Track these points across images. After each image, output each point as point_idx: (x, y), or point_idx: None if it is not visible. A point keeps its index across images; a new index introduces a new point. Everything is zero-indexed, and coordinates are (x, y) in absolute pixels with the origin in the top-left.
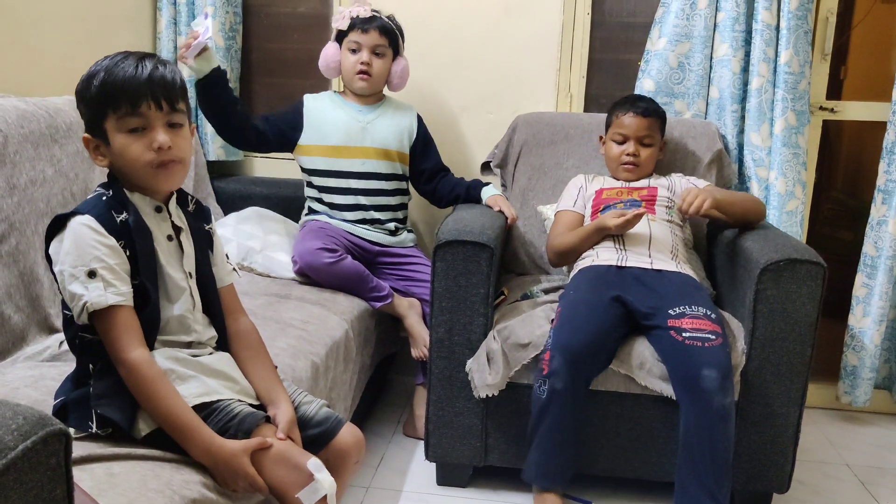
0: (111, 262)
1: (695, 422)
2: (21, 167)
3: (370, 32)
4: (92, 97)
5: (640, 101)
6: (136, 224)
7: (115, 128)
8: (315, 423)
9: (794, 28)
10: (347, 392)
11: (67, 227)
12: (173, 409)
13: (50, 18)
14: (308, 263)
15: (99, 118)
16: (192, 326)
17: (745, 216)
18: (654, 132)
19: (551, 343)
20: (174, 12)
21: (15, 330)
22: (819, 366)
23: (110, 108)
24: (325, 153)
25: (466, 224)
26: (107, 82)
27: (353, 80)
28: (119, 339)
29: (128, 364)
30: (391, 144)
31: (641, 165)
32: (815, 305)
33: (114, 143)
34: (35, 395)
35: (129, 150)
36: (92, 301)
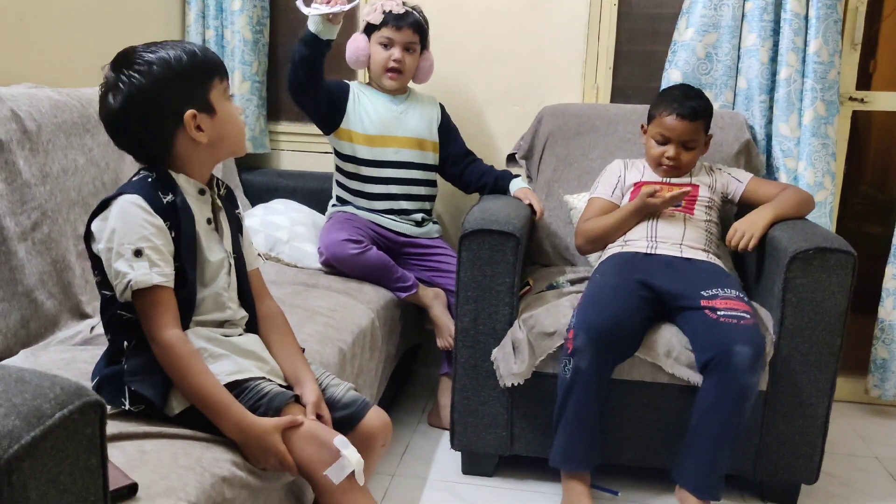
0: (158, 242)
1: (718, 395)
2: (54, 156)
3: (403, 30)
4: (198, 70)
5: (687, 100)
6: (182, 205)
7: (221, 96)
8: (342, 406)
9: (823, 17)
10: (373, 380)
11: (113, 204)
12: (205, 385)
13: (82, 12)
14: (334, 254)
15: (205, 90)
16: (226, 304)
17: (798, 216)
18: (699, 134)
19: (575, 322)
20: (202, 6)
21: (48, 315)
22: (848, 360)
23: (217, 77)
24: (362, 141)
25: (492, 213)
26: (207, 56)
27: (382, 76)
28: (157, 318)
29: (162, 342)
30: (423, 133)
31: (682, 167)
32: (844, 295)
33: (221, 111)
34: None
35: (234, 114)
36: (136, 280)
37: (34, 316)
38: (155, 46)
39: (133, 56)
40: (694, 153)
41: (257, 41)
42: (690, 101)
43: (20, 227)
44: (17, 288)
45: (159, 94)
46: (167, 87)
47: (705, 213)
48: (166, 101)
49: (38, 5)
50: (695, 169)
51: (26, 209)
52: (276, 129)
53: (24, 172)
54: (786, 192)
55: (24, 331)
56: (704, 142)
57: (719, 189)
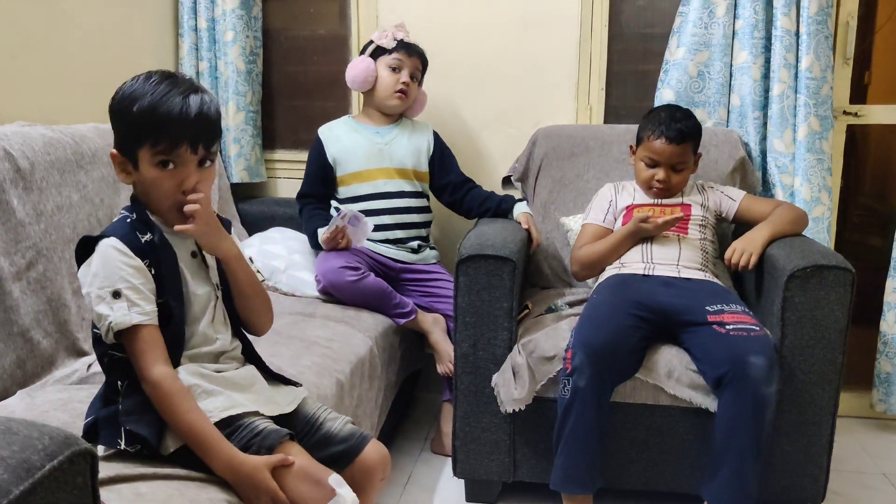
0: (136, 281)
1: (737, 409)
2: (48, 193)
3: (413, 57)
4: (132, 122)
5: (674, 122)
6: (161, 243)
7: (147, 159)
8: (340, 440)
9: (814, 33)
10: (373, 410)
11: (95, 250)
12: (195, 424)
13: (74, 48)
14: (331, 282)
15: (133, 144)
16: (215, 336)
17: (794, 233)
18: (688, 156)
19: (573, 341)
20: (195, 38)
21: (44, 354)
22: (852, 374)
23: (149, 140)
24: (349, 181)
25: (488, 238)
26: (152, 114)
27: (390, 97)
28: (143, 356)
29: (151, 381)
30: (409, 164)
31: (672, 189)
32: (844, 312)
33: (144, 172)
34: (64, 417)
35: (159, 184)
36: (116, 321)
37: (30, 356)
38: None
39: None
40: (684, 174)
41: (251, 71)
42: (677, 122)
43: (14, 267)
44: (13, 328)
45: (110, 118)
46: (112, 117)
47: (699, 231)
48: (113, 128)
49: (30, 43)
50: (686, 188)
51: (20, 248)
52: (271, 157)
53: (18, 212)
54: (780, 210)
55: (20, 371)
56: (694, 161)
57: (712, 207)
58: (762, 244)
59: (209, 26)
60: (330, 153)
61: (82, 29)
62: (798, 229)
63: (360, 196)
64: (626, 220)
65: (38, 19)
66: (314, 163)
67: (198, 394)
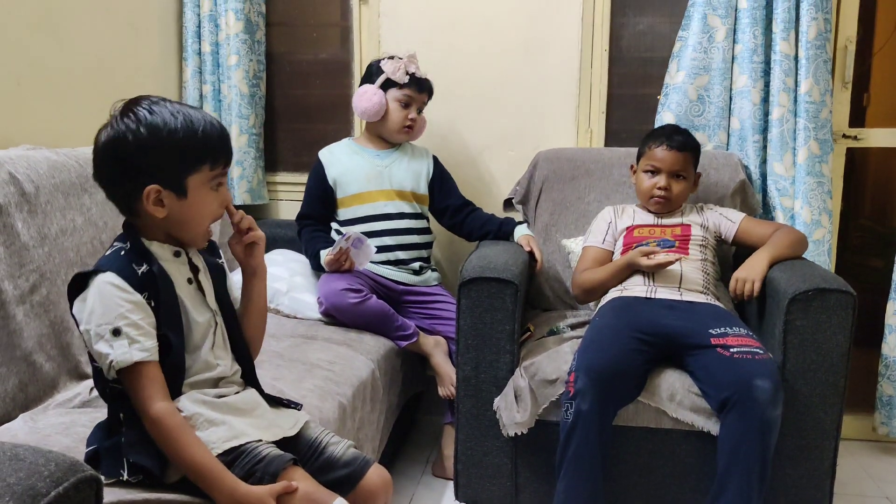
0: (135, 317)
1: (743, 432)
2: (52, 217)
3: (423, 93)
4: (185, 150)
5: (676, 134)
6: (159, 273)
7: (201, 182)
8: (342, 465)
9: (812, 57)
10: (375, 433)
11: (90, 285)
12: (197, 458)
13: (79, 72)
14: (333, 304)
15: (184, 171)
16: (215, 363)
17: (794, 256)
18: (689, 167)
19: (575, 364)
20: (199, 62)
21: (46, 378)
22: (854, 396)
23: (206, 164)
24: (349, 203)
25: (490, 261)
26: (206, 137)
27: (399, 131)
28: (143, 392)
29: (151, 417)
30: (409, 186)
31: (673, 199)
32: (846, 335)
33: (195, 198)
34: (66, 441)
35: (209, 206)
36: (118, 360)
37: (32, 379)
38: (165, 105)
39: (137, 106)
40: (684, 185)
41: (254, 94)
42: (679, 135)
43: (18, 291)
44: (16, 352)
45: (134, 155)
46: (145, 152)
47: (700, 252)
48: (138, 164)
49: (35, 68)
50: (685, 209)
51: (24, 272)
52: (273, 179)
53: (23, 235)
54: (780, 234)
55: (22, 395)
56: (694, 180)
57: (711, 228)
58: (763, 271)
59: (213, 50)
60: (330, 175)
61: (87, 53)
62: (798, 252)
63: (361, 217)
64: (627, 240)
65: (44, 44)
66: (314, 184)
67: (200, 423)
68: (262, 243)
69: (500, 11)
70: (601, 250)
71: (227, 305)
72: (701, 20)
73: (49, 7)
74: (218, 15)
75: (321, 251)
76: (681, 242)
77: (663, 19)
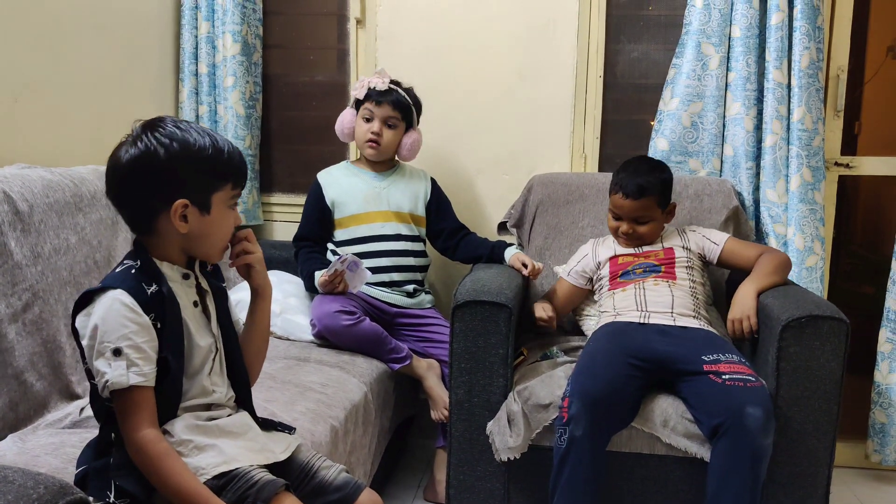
0: (139, 340)
1: (734, 459)
2: (45, 236)
3: (383, 105)
4: (214, 168)
5: (636, 177)
6: (168, 295)
7: (223, 200)
8: (334, 489)
9: (805, 86)
10: (367, 456)
11: (98, 301)
12: (182, 485)
13: (75, 92)
14: (326, 326)
15: (211, 187)
16: (211, 389)
17: (780, 282)
18: (651, 209)
19: (569, 390)
20: (196, 83)
21: (37, 397)
22: (846, 423)
23: (230, 183)
24: (347, 223)
25: (484, 284)
26: (232, 160)
27: (363, 146)
28: (131, 418)
29: (135, 444)
30: (406, 207)
31: (641, 238)
32: (839, 362)
33: (217, 215)
34: (56, 462)
35: (227, 224)
36: (113, 380)
37: (23, 398)
38: (189, 126)
39: (163, 124)
40: (650, 225)
41: (250, 116)
42: (639, 178)
43: (11, 309)
44: (7, 371)
45: (166, 169)
46: (176, 168)
47: (687, 273)
48: (169, 179)
49: (32, 87)
50: (665, 233)
51: (17, 290)
52: (268, 200)
53: (16, 254)
54: (763, 259)
55: (12, 414)
56: (667, 211)
57: (695, 249)
58: (753, 306)
59: (209, 71)
60: (329, 196)
61: (84, 72)
62: (783, 276)
63: (358, 238)
64: (612, 268)
65: (41, 63)
66: (312, 205)
67: (190, 449)
68: (258, 265)
69: (497, 37)
70: (565, 282)
71: (229, 330)
72: (695, 48)
73: (47, 26)
74: (215, 37)
75: (315, 272)
76: (666, 266)
77: (658, 46)
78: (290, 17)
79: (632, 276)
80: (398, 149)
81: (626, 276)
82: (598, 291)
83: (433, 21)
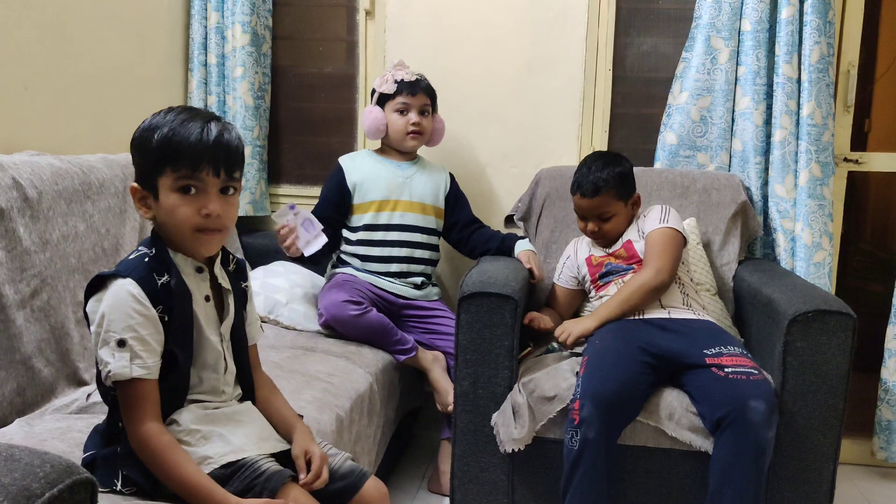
0: (144, 332)
1: (736, 453)
2: (54, 223)
3: (418, 95)
4: (151, 150)
5: (589, 175)
6: (178, 287)
7: (168, 186)
8: (339, 477)
9: (815, 81)
10: (372, 446)
11: (108, 288)
12: (186, 476)
13: (86, 80)
14: (334, 315)
15: (154, 173)
16: (222, 389)
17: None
18: (611, 204)
19: (580, 391)
20: (205, 73)
21: (44, 383)
22: (853, 420)
23: (169, 166)
24: (368, 209)
25: (490, 276)
26: (171, 139)
27: (404, 139)
28: (133, 410)
29: (138, 437)
30: (429, 199)
31: (609, 235)
32: (845, 357)
33: (164, 200)
34: (62, 446)
35: (179, 210)
36: (115, 372)
37: (31, 384)
38: (164, 112)
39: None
40: (614, 221)
41: (258, 106)
42: (593, 174)
43: (19, 295)
44: (15, 356)
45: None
46: (134, 153)
47: None
48: (133, 161)
49: (42, 74)
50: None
51: (26, 277)
52: (276, 191)
53: (25, 240)
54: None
55: (19, 399)
56: (631, 202)
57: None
58: (586, 328)
59: (219, 62)
60: (350, 180)
61: (94, 61)
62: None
63: (375, 225)
64: (591, 269)
65: (51, 51)
66: (332, 188)
67: (197, 439)
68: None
69: (506, 30)
70: (559, 286)
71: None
72: (705, 42)
73: (57, 13)
74: (225, 27)
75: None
76: (637, 263)
77: (667, 40)
78: (299, 8)
79: (611, 276)
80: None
81: (605, 277)
82: (588, 292)
83: (442, 13)
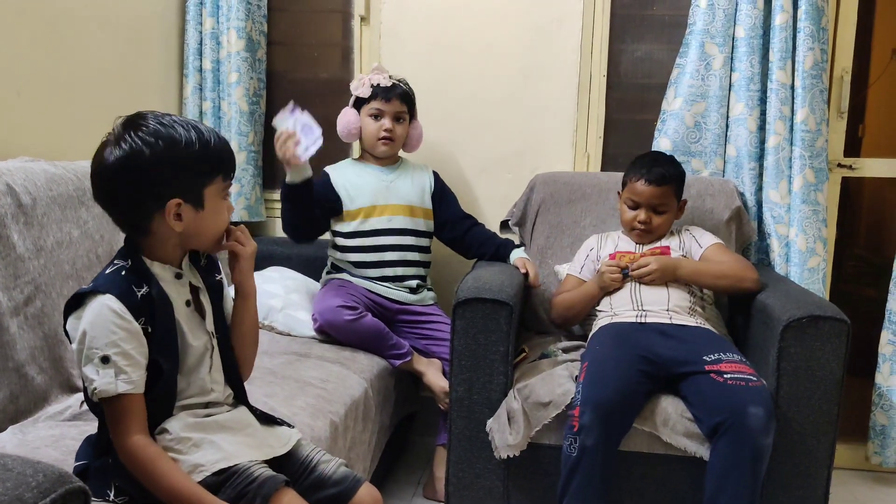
0: (127, 346)
1: (734, 458)
2: (48, 229)
3: (392, 101)
4: (203, 162)
5: (655, 166)
6: (158, 297)
7: (216, 193)
8: (333, 483)
9: (809, 87)
10: (366, 452)
11: (88, 306)
12: (176, 485)
13: (79, 86)
14: (328, 321)
15: (202, 183)
16: (210, 387)
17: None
18: (669, 199)
19: (580, 398)
20: (200, 79)
21: (37, 390)
22: (847, 425)
23: (222, 174)
24: (355, 216)
25: (485, 282)
26: (220, 151)
27: (375, 145)
28: (120, 425)
29: (125, 450)
30: (415, 200)
31: (654, 231)
32: (839, 363)
33: (210, 207)
34: (55, 454)
35: (222, 215)
36: (101, 388)
37: (24, 391)
38: (172, 119)
39: (145, 121)
40: (665, 217)
41: (253, 112)
42: (659, 166)
43: (13, 302)
44: (8, 363)
45: (155, 169)
46: (164, 167)
47: None
48: (158, 179)
49: (36, 80)
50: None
51: (19, 283)
52: (271, 196)
53: (18, 246)
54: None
55: (12, 406)
56: (678, 206)
57: (686, 250)
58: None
59: (214, 67)
60: (338, 185)
61: (88, 67)
62: (726, 284)
63: (366, 231)
64: None
65: (45, 57)
66: (319, 192)
67: (188, 447)
68: (244, 259)
69: (501, 36)
70: (577, 279)
71: (223, 325)
72: (699, 48)
73: (51, 19)
74: (220, 33)
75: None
76: None
77: (661, 46)
78: (294, 14)
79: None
80: (406, 141)
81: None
82: None
83: (437, 19)
